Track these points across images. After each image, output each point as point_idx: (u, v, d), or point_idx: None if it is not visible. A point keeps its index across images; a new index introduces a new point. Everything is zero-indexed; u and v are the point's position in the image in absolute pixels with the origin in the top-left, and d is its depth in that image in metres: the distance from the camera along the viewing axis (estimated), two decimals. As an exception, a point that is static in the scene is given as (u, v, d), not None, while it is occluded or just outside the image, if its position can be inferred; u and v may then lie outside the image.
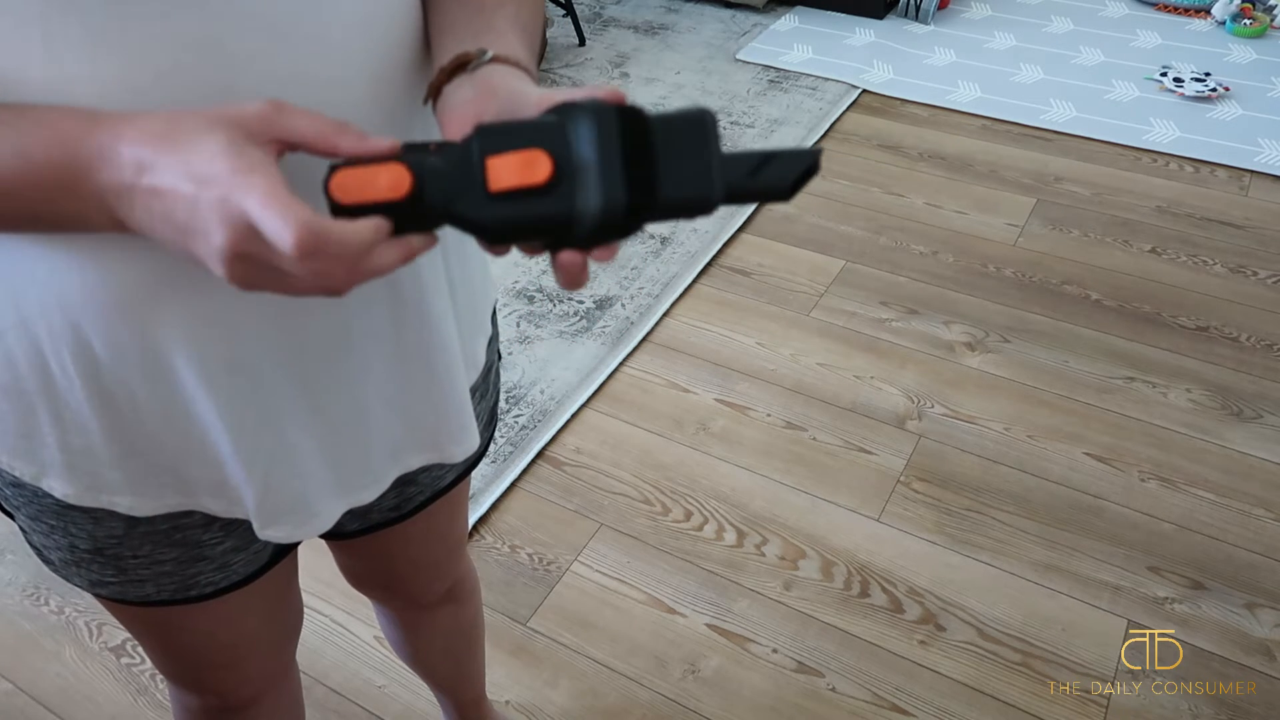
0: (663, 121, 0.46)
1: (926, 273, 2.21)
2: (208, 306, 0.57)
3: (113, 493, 0.66)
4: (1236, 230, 2.33)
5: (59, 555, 0.72)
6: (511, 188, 0.45)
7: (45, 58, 0.48)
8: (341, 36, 0.55)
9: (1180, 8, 3.26)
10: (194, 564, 0.73)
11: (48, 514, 0.69)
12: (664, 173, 0.46)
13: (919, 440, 1.81)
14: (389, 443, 0.72)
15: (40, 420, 0.62)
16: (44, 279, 0.56)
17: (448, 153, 0.46)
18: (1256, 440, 1.80)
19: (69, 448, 0.63)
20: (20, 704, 1.45)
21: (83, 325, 0.57)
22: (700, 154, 0.46)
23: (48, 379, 0.60)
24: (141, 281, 0.55)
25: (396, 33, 0.60)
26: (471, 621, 1.17)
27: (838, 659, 1.48)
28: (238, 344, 0.59)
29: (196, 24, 0.50)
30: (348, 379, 0.66)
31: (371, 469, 0.73)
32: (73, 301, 0.56)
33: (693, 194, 0.47)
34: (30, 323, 0.58)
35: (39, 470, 0.65)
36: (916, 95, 2.87)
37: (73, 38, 0.48)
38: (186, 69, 0.50)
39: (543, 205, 0.45)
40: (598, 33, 3.29)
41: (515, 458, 1.78)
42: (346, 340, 0.64)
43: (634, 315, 2.09)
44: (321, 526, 0.72)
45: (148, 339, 0.58)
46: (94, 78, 0.49)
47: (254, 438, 0.63)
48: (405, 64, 0.61)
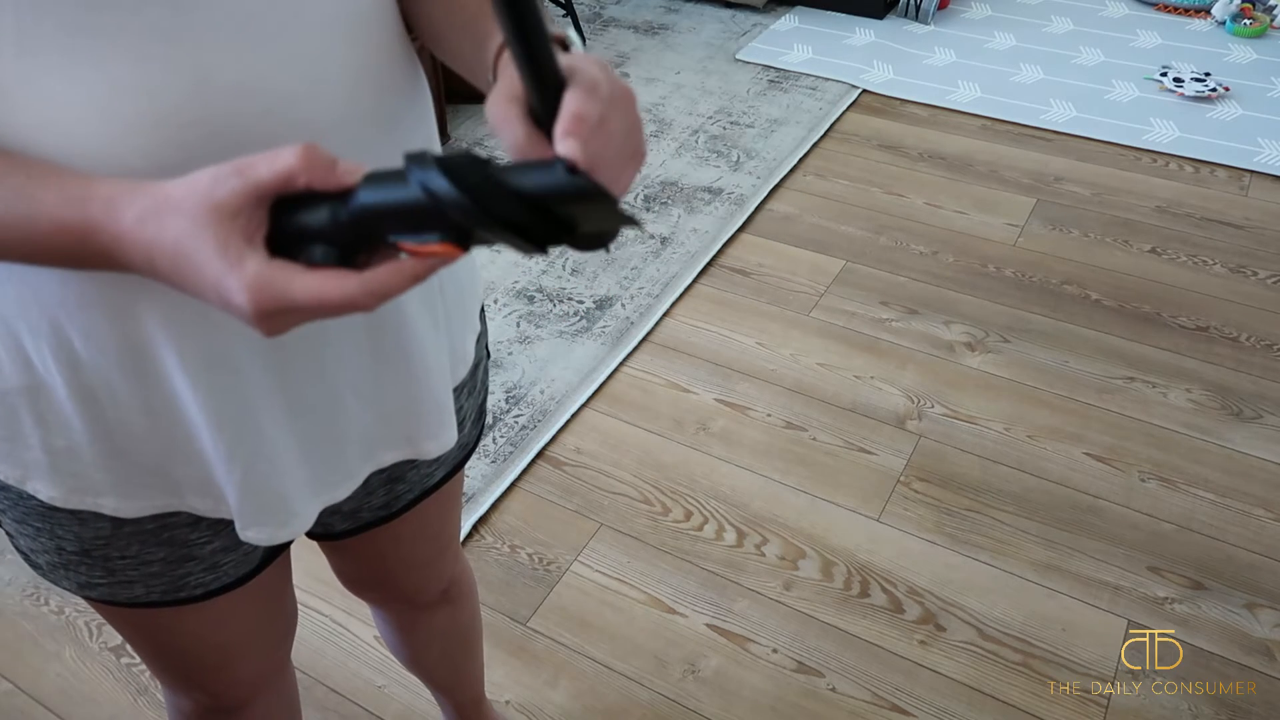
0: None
1: (926, 273, 2.21)
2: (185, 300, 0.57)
3: (98, 494, 0.66)
4: (1236, 230, 2.33)
5: (46, 559, 0.72)
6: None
7: (17, 50, 0.49)
8: (317, 32, 0.56)
9: (1180, 8, 3.26)
10: (182, 564, 0.73)
11: (34, 516, 0.68)
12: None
13: (919, 440, 1.81)
14: (363, 438, 0.72)
15: (23, 422, 0.62)
16: (20, 275, 0.56)
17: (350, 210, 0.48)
18: (1256, 440, 1.80)
19: (53, 449, 0.63)
20: (20, 704, 1.45)
21: (62, 321, 0.57)
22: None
23: (30, 379, 0.60)
24: (119, 276, 0.55)
25: (372, 31, 0.60)
26: (468, 623, 1.17)
27: (838, 659, 1.48)
28: (216, 338, 0.60)
29: (169, 18, 0.50)
30: (323, 373, 0.66)
31: (345, 464, 0.73)
32: (51, 297, 0.56)
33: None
34: (10, 321, 0.58)
35: (23, 473, 0.65)
36: (916, 95, 2.87)
37: (46, 32, 0.48)
38: (159, 64, 0.51)
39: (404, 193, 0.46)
40: (598, 33, 3.29)
41: (515, 458, 1.78)
42: (323, 334, 0.64)
43: (634, 315, 2.09)
44: (301, 527, 0.72)
45: (127, 334, 0.58)
46: (67, 74, 0.50)
47: (234, 434, 0.63)
48: (383, 61, 0.61)
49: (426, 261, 0.47)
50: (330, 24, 0.57)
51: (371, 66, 0.61)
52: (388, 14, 0.62)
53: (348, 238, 0.48)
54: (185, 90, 0.51)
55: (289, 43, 0.55)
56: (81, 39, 0.49)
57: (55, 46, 0.49)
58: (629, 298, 2.14)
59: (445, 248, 0.47)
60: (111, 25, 0.49)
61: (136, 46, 0.50)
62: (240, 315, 0.47)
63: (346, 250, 0.48)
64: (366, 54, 0.60)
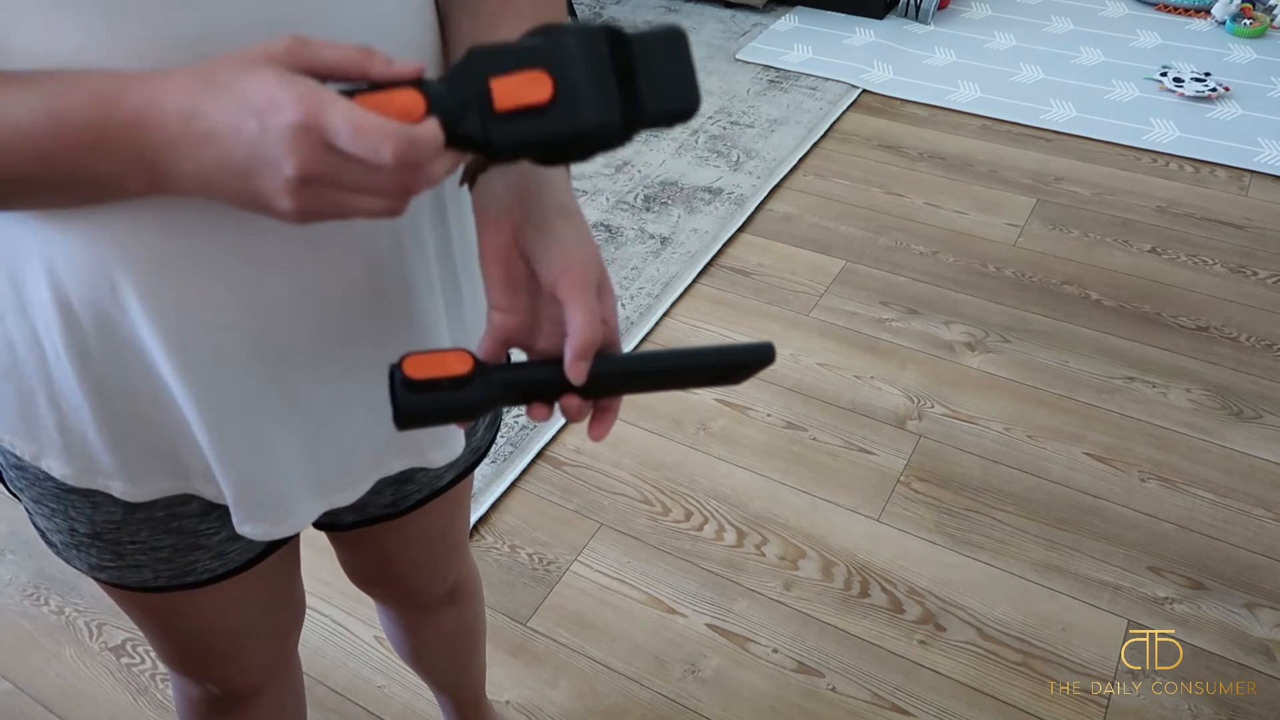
0: (641, 40, 0.50)
1: (926, 273, 2.21)
2: (194, 297, 0.57)
3: (107, 476, 0.66)
4: (1236, 230, 2.33)
5: (60, 538, 0.73)
6: (516, 107, 0.48)
7: (45, 49, 0.48)
8: (346, 39, 0.54)
9: (1180, 8, 3.26)
10: (190, 552, 0.74)
11: (49, 497, 0.70)
12: (647, 87, 0.50)
13: (919, 440, 1.81)
14: (370, 445, 0.72)
15: (38, 402, 0.63)
16: (40, 256, 0.56)
17: (452, 75, 0.49)
18: (1256, 440, 1.80)
19: (65, 429, 0.64)
20: (20, 704, 1.45)
21: (73, 305, 0.57)
22: (676, 68, 0.50)
23: (44, 362, 0.61)
24: (130, 263, 0.55)
25: (406, 35, 0.59)
26: (473, 624, 1.17)
27: (838, 659, 1.48)
28: (223, 339, 0.59)
29: (193, 24, 0.50)
30: (332, 380, 0.66)
31: (351, 470, 0.73)
32: (64, 276, 0.56)
33: (675, 106, 0.51)
34: (29, 306, 0.58)
35: (38, 450, 0.66)
36: (916, 95, 2.87)
37: (70, 34, 0.48)
38: (177, 28, 0.50)
39: (543, 123, 0.48)
40: (598, 33, 3.29)
41: (515, 458, 1.78)
42: (332, 342, 0.64)
43: (634, 315, 2.09)
44: (298, 525, 0.72)
45: (133, 323, 0.58)
46: (84, 47, 0.49)
47: (232, 433, 0.63)
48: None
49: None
50: (364, 29, 0.56)
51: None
52: (425, 17, 0.61)
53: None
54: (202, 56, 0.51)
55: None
56: (104, 45, 0.49)
57: (80, 50, 0.49)
58: (629, 298, 2.14)
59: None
60: (134, 32, 0.49)
61: (159, 53, 0.49)
62: (280, 144, 0.44)
63: None
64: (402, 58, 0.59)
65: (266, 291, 0.59)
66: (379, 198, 0.48)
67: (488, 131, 0.48)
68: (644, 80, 0.50)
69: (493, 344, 0.57)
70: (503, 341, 0.57)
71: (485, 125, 0.48)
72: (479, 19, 0.61)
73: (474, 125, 0.48)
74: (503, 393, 0.55)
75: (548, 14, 0.63)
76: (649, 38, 0.50)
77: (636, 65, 0.49)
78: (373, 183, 0.46)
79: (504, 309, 0.56)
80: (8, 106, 0.46)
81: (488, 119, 0.48)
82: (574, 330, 0.53)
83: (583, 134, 0.49)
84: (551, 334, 0.57)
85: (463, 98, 0.48)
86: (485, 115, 0.48)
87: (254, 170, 0.45)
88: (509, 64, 0.48)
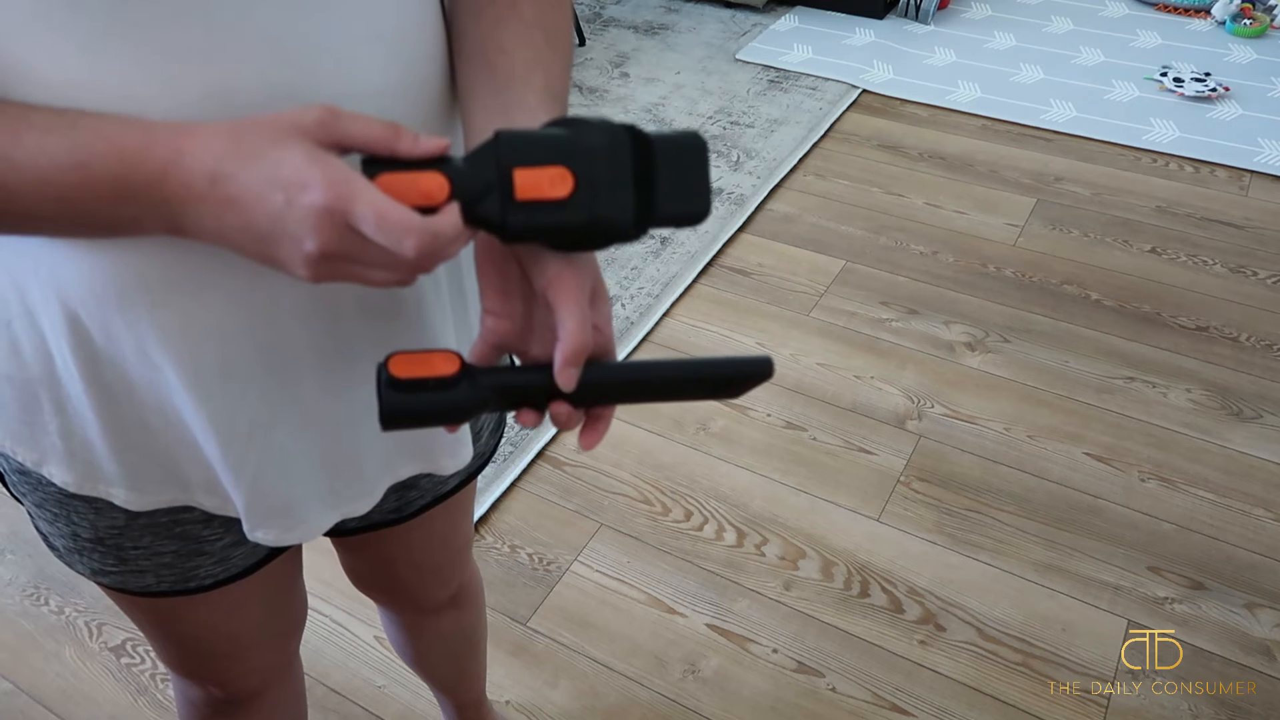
0: (662, 142, 0.52)
1: (926, 273, 2.21)
2: (204, 311, 0.57)
3: (109, 484, 0.66)
4: (1236, 230, 2.33)
5: (63, 542, 0.73)
6: (535, 199, 0.50)
7: (49, 65, 0.48)
8: (350, 51, 0.54)
9: (1180, 8, 3.26)
10: (193, 558, 0.74)
11: (51, 502, 0.70)
12: (663, 189, 0.52)
13: (919, 440, 1.81)
14: (381, 452, 0.72)
15: (43, 407, 0.63)
16: (47, 269, 0.56)
17: (475, 160, 0.51)
18: (1256, 440, 1.80)
19: (69, 435, 0.64)
20: (20, 704, 1.45)
21: (82, 316, 0.57)
22: (693, 174, 0.53)
23: (50, 368, 0.61)
24: (139, 280, 0.55)
25: (412, 48, 0.59)
26: (474, 626, 1.17)
27: (838, 659, 1.48)
28: (233, 350, 0.59)
29: (198, 36, 0.49)
30: (343, 390, 0.66)
31: (364, 478, 0.73)
32: (72, 292, 0.56)
33: (687, 210, 0.53)
34: (35, 312, 0.58)
35: (40, 456, 0.66)
36: (916, 95, 2.87)
37: (74, 47, 0.48)
38: (188, 79, 0.50)
39: (560, 215, 0.50)
40: (598, 33, 3.29)
41: (515, 458, 1.78)
42: (342, 354, 0.64)
43: (634, 315, 2.09)
44: (310, 533, 0.72)
45: (141, 337, 0.58)
46: (94, 86, 0.49)
47: (243, 444, 0.63)
48: (423, 80, 0.60)
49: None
50: (369, 42, 0.55)
51: (413, 83, 0.59)
52: (432, 29, 0.60)
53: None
54: (212, 107, 0.50)
55: (324, 63, 0.53)
56: (108, 56, 0.48)
57: (84, 63, 0.48)
58: (629, 298, 2.14)
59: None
60: (139, 45, 0.49)
61: (164, 65, 0.49)
62: (304, 222, 0.45)
63: None
64: (407, 71, 0.59)
65: (275, 302, 0.59)
66: (392, 273, 0.49)
67: (505, 216, 0.50)
68: (661, 182, 0.52)
69: (485, 348, 0.56)
70: (495, 346, 0.57)
71: (503, 210, 0.50)
72: (482, 21, 0.61)
73: (492, 209, 0.50)
74: (490, 396, 0.55)
75: (551, 18, 0.63)
76: (670, 142, 0.52)
77: (656, 167, 0.51)
78: (389, 262, 0.48)
79: (497, 313, 0.56)
80: (31, 154, 0.47)
81: (506, 205, 0.50)
82: (564, 336, 0.53)
83: (595, 230, 0.51)
84: (545, 340, 0.56)
85: (485, 183, 0.50)
86: (505, 202, 0.50)
87: (276, 239, 0.47)
88: (535, 158, 0.50)
